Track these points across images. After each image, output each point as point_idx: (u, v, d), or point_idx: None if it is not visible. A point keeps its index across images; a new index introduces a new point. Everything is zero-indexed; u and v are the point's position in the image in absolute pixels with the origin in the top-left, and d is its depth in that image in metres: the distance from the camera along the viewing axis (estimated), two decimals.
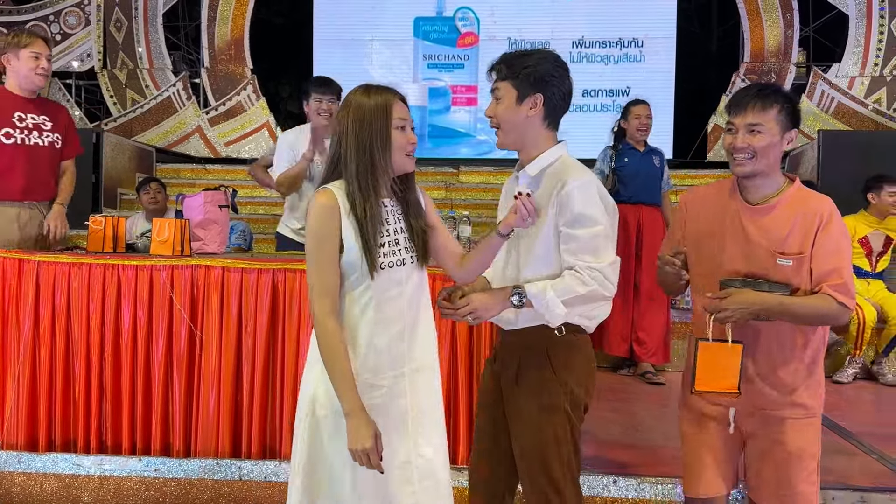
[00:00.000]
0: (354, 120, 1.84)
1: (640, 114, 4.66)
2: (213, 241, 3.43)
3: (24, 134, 3.51)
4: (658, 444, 3.31)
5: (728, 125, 2.05)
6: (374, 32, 9.62)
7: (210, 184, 5.18)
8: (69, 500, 3.05)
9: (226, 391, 3.04)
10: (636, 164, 4.66)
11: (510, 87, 1.96)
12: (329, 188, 1.85)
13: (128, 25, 9.60)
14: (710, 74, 10.58)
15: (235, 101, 9.59)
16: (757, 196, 2.05)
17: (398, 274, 1.87)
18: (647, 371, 4.64)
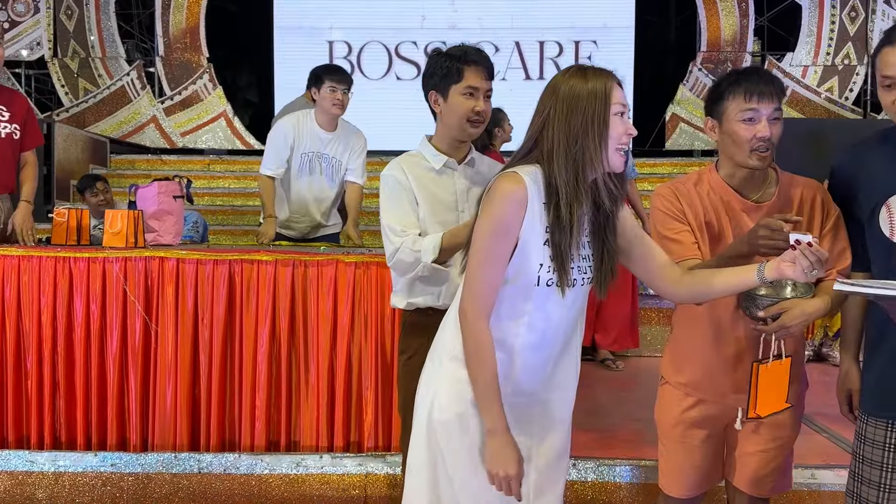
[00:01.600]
0: (566, 104, 1.57)
1: None
2: (167, 232, 3.37)
3: None
4: (616, 428, 3.36)
5: (749, 112, 1.82)
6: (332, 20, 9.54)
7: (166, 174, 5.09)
8: (23, 497, 2.98)
9: (183, 384, 3.00)
10: None
11: None
12: (518, 173, 1.56)
13: (79, 13, 9.37)
14: (668, 64, 10.71)
15: (191, 90, 9.44)
16: (756, 191, 1.92)
17: (568, 293, 1.61)
18: (606, 358, 4.71)
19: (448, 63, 2.09)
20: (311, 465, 2.92)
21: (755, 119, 1.82)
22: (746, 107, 1.81)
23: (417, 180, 2.11)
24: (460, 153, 2.17)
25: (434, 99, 2.13)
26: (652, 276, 1.75)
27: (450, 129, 2.13)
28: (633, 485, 2.81)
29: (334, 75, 3.66)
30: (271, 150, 3.78)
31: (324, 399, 3.01)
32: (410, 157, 2.18)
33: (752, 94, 1.81)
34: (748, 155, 1.83)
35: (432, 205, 2.10)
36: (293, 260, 3.02)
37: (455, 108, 2.08)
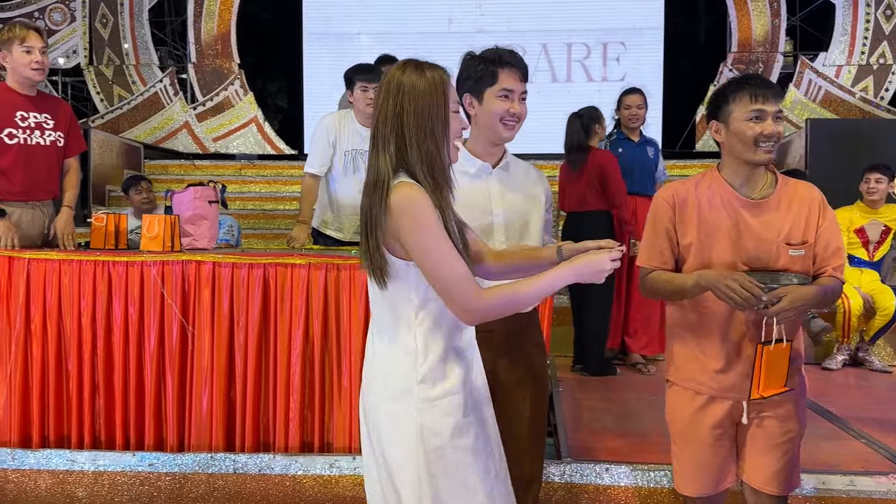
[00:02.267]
0: (412, 102, 1.62)
1: (630, 103, 4.68)
2: (202, 236, 3.43)
3: (27, 134, 3.44)
4: (649, 433, 3.33)
5: (755, 112, 1.96)
6: (360, 26, 9.60)
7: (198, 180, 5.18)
8: (64, 496, 3.05)
9: (219, 385, 3.05)
10: (630, 154, 4.67)
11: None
12: (408, 181, 1.61)
13: (113, 21, 9.54)
14: (698, 65, 10.60)
15: (223, 96, 9.56)
16: (755, 189, 2.03)
17: None
18: (638, 362, 4.68)
19: (482, 66, 2.09)
20: (345, 466, 2.94)
21: (762, 118, 1.97)
22: (752, 107, 1.97)
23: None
24: (494, 157, 2.17)
25: (469, 102, 2.12)
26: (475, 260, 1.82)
27: (484, 132, 2.13)
28: (667, 490, 2.79)
29: (364, 75, 3.70)
30: (314, 148, 3.83)
31: (356, 401, 3.02)
32: None
33: (757, 96, 1.97)
34: (754, 151, 1.97)
35: (466, 209, 2.10)
36: (326, 263, 3.05)
37: (490, 111, 2.08)
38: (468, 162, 2.14)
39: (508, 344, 2.13)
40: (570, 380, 4.35)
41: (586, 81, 9.34)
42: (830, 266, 2.01)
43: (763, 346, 1.90)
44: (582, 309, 4.55)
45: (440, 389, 1.64)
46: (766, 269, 2.00)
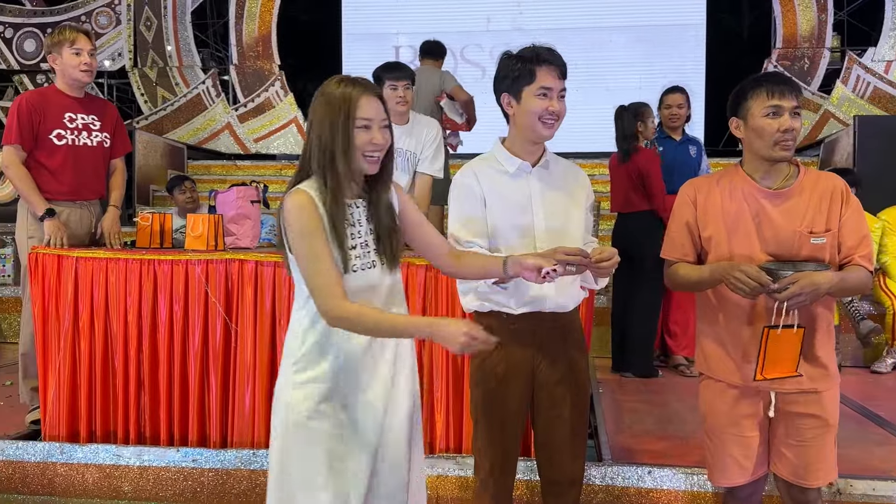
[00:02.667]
0: (320, 113, 1.78)
1: (671, 102, 4.61)
2: (245, 235, 3.47)
3: (75, 135, 3.52)
4: (692, 435, 3.28)
5: (773, 108, 2.00)
6: (399, 26, 9.64)
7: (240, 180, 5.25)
8: (110, 490, 3.11)
9: (261, 383, 3.08)
10: (671, 153, 4.61)
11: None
12: (301, 189, 1.77)
13: (157, 24, 9.73)
14: (742, 62, 10.40)
15: (264, 97, 9.68)
16: (777, 180, 2.07)
17: (370, 277, 1.81)
18: (680, 364, 4.60)
19: (519, 65, 2.07)
20: None
21: (778, 113, 2.00)
22: (769, 103, 2.01)
23: (490, 184, 2.11)
24: (534, 155, 2.15)
25: (507, 101, 2.11)
26: (433, 259, 2.00)
27: (523, 130, 2.11)
28: (711, 494, 2.74)
29: (392, 73, 3.70)
30: None
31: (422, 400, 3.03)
32: (483, 161, 2.17)
33: (773, 92, 2.01)
34: (772, 147, 2.01)
35: (505, 208, 2.10)
36: None
37: (528, 110, 2.06)
38: (507, 161, 2.13)
39: (550, 344, 2.12)
40: (609, 381, 4.31)
41: (626, 79, 9.24)
42: (857, 255, 2.03)
43: (769, 330, 1.94)
44: (627, 310, 4.49)
45: (306, 375, 1.80)
46: (789, 259, 2.02)
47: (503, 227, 2.09)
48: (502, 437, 2.15)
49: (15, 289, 5.75)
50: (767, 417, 2.09)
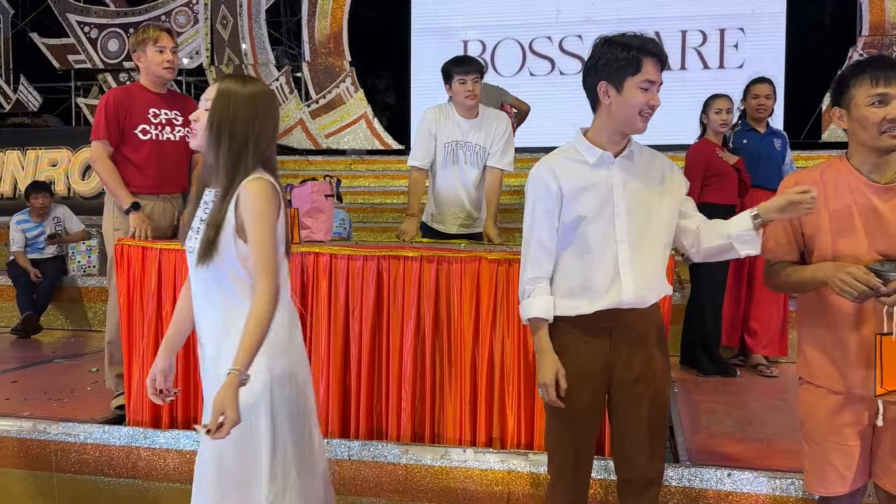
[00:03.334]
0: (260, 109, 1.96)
1: (759, 93, 4.45)
2: (319, 229, 3.52)
3: (158, 130, 3.64)
4: (772, 438, 3.17)
5: (878, 97, 1.89)
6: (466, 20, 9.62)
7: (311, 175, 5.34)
8: (189, 474, 3.18)
9: (335, 373, 3.13)
10: (755, 145, 4.46)
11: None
12: (262, 177, 1.91)
13: (233, 22, 9.99)
14: (824, 50, 9.98)
15: (335, 93, 9.83)
16: (887, 174, 1.95)
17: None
18: (760, 363, 4.46)
19: (625, 53, 1.98)
20: (455, 458, 2.95)
21: (884, 101, 1.88)
22: (874, 91, 1.89)
23: (568, 177, 2.05)
24: (618, 146, 2.07)
25: (604, 90, 2.02)
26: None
27: (616, 121, 2.03)
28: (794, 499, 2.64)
29: (461, 67, 3.69)
30: (417, 141, 3.88)
31: (467, 394, 3.04)
32: (561, 153, 2.11)
33: (878, 79, 1.89)
34: (879, 137, 1.89)
35: (585, 200, 2.05)
36: (437, 256, 3.07)
37: (630, 102, 1.99)
38: (588, 151, 2.07)
39: (627, 342, 2.07)
40: (685, 380, 4.20)
41: (702, 69, 8.99)
42: None
43: (881, 337, 1.84)
44: (689, 306, 4.40)
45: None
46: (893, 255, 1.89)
47: (571, 216, 2.04)
48: (574, 438, 2.12)
49: (100, 279, 6.01)
50: (871, 426, 1.98)
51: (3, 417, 3.32)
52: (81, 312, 6.05)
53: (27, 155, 8.11)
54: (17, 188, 7.88)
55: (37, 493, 3.21)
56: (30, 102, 10.85)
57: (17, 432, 3.26)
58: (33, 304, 5.76)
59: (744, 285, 4.49)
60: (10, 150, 8.14)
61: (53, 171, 7.96)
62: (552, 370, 2.01)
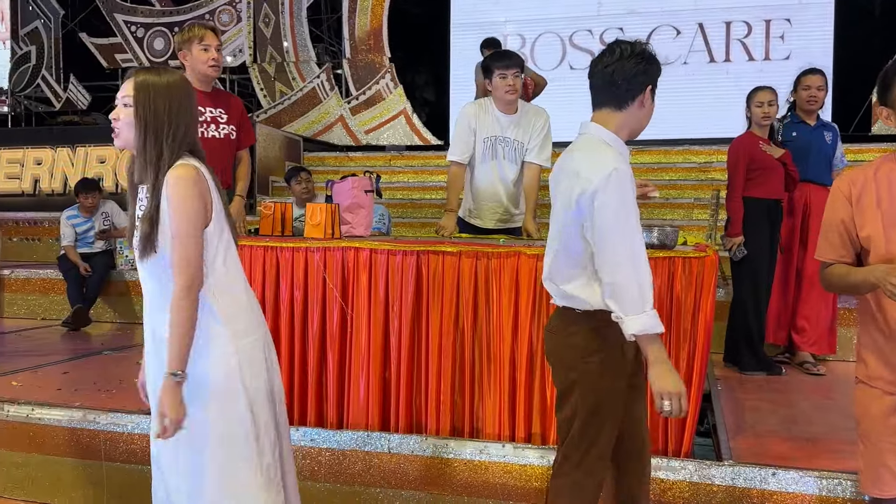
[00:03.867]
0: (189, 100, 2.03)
1: (810, 84, 4.34)
2: (359, 224, 3.56)
3: (203, 127, 3.69)
4: (819, 437, 3.10)
5: None
6: (506, 14, 9.58)
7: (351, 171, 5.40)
8: None
9: (375, 367, 3.15)
10: (805, 138, 4.36)
11: None
12: (189, 164, 1.95)
13: (275, 20, 10.11)
14: (873, 41, 9.68)
15: (375, 89, 9.88)
16: None
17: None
18: (806, 361, 4.36)
19: (658, 68, 2.07)
20: (494, 453, 2.96)
21: None
22: None
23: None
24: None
25: (648, 95, 2.06)
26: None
27: (637, 126, 2.09)
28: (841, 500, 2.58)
29: (501, 62, 3.68)
30: (456, 136, 3.88)
31: (506, 389, 3.04)
32: (612, 150, 2.04)
33: None
34: None
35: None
36: (476, 252, 3.07)
37: (651, 112, 2.09)
38: (625, 151, 2.08)
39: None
40: (729, 379, 4.13)
41: (747, 61, 8.80)
42: None
43: None
44: (732, 303, 4.33)
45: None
46: None
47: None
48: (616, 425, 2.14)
49: None
50: None
51: (55, 408, 3.43)
52: (129, 305, 6.21)
53: (77, 152, 8.34)
54: (68, 184, 8.10)
55: (87, 481, 3.31)
56: (79, 101, 11.14)
57: (69, 422, 3.36)
58: (83, 298, 5.92)
59: (792, 282, 4.40)
60: (61, 147, 8.38)
61: (102, 167, 8.17)
62: (680, 380, 1.92)
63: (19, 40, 11.44)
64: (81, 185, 6.28)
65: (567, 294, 2.07)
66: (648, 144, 8.26)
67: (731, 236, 4.19)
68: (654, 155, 8.08)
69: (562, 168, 2.10)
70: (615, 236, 1.91)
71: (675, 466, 2.74)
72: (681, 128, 8.35)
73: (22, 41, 11.44)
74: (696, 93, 8.54)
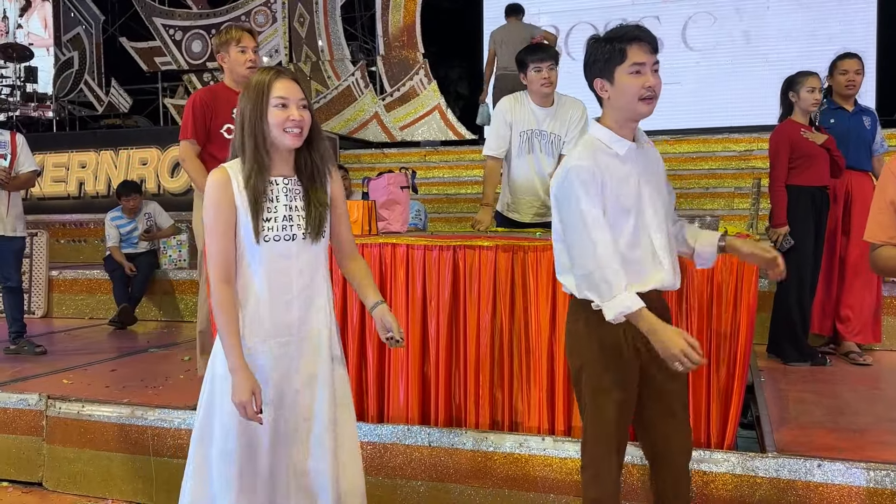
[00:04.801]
0: (243, 101, 2.02)
1: (848, 68, 4.24)
2: (396, 220, 3.59)
3: None
4: (866, 428, 3.04)
5: None
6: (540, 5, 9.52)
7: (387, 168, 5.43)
8: None
9: (414, 361, 3.18)
10: (844, 124, 4.26)
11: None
12: (224, 166, 2.03)
13: (309, 20, 10.21)
14: None
15: (409, 86, 9.92)
16: None
17: (286, 248, 2.03)
18: (852, 351, 4.27)
19: (608, 46, 2.00)
20: (534, 446, 2.96)
21: None
22: None
23: (606, 169, 2.00)
24: (632, 133, 2.08)
25: (600, 86, 2.04)
26: (335, 252, 2.26)
27: (621, 111, 2.04)
28: (889, 491, 2.53)
29: (536, 55, 3.68)
30: (491, 130, 3.89)
31: (545, 382, 3.04)
32: (590, 146, 2.05)
33: None
34: None
35: (620, 193, 2.01)
36: (512, 246, 3.07)
37: (624, 90, 1.99)
38: (617, 143, 2.04)
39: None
40: (773, 370, 4.07)
41: (787, 49, 8.62)
42: None
43: None
44: (776, 294, 4.25)
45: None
46: None
47: (615, 211, 2.01)
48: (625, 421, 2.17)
49: (191, 272, 6.28)
50: None
51: (104, 404, 3.53)
52: (173, 304, 6.34)
53: (119, 155, 8.54)
54: (111, 186, 8.30)
55: (136, 475, 3.40)
56: (121, 104, 11.40)
57: (118, 418, 3.46)
58: (128, 297, 6.06)
59: (836, 271, 4.31)
60: (104, 150, 8.58)
61: (144, 169, 8.35)
62: (680, 335, 1.91)
63: (62, 46, 11.74)
64: (122, 187, 6.42)
65: (565, 284, 2.15)
66: (687, 133, 8.15)
67: (776, 227, 4.11)
68: (693, 144, 7.96)
69: None
70: (574, 232, 2.00)
71: (718, 459, 2.71)
72: (720, 115, 8.23)
73: (65, 47, 11.75)
74: (735, 80, 8.40)
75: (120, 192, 6.37)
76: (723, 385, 2.83)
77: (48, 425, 3.56)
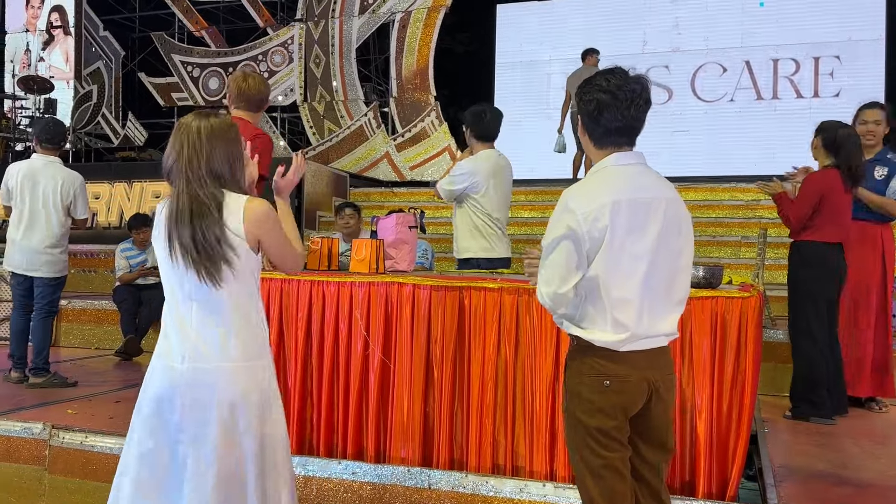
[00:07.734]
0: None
1: (868, 118, 4.25)
2: (403, 259, 3.62)
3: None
4: (869, 484, 3.01)
5: None
6: (552, 52, 9.69)
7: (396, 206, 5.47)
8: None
9: (417, 401, 3.18)
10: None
11: None
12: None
13: (325, 61, 10.41)
14: None
15: (420, 127, 10.06)
16: None
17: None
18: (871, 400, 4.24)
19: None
20: (535, 492, 2.94)
21: None
22: None
23: None
24: None
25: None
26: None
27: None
28: None
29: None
30: None
31: (547, 426, 3.03)
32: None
33: None
34: None
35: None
36: (517, 288, 3.10)
37: None
38: None
39: None
40: (777, 421, 4.02)
41: (795, 98, 8.73)
42: None
43: None
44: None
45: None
46: None
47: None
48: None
49: None
50: None
51: (108, 435, 3.53)
52: None
53: (133, 187, 8.66)
54: (123, 218, 8.40)
55: None
56: (136, 137, 11.59)
57: (120, 449, 3.44)
58: (135, 328, 6.09)
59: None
60: (118, 182, 8.71)
61: (156, 202, 8.45)
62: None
63: (82, 80, 11.99)
64: (134, 220, 6.50)
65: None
66: (695, 181, 8.21)
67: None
68: (700, 192, 8.01)
69: None
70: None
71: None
72: (727, 165, 8.30)
73: (84, 80, 11.99)
74: (744, 130, 8.49)
75: (131, 224, 6.44)
76: (723, 435, 2.82)
77: (51, 455, 3.56)
